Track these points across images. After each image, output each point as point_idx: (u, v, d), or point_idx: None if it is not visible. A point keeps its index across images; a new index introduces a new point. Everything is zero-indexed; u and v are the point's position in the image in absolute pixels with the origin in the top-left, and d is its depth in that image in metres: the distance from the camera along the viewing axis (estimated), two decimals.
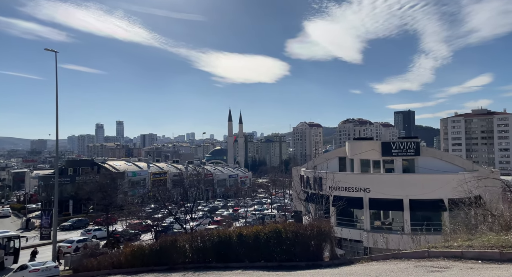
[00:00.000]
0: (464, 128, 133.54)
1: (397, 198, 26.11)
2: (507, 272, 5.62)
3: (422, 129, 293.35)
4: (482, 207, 12.74)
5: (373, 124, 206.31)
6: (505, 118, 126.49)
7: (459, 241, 8.17)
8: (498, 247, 7.02)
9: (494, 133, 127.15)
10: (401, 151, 31.37)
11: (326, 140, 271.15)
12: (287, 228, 10.28)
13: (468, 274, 5.68)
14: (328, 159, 35.33)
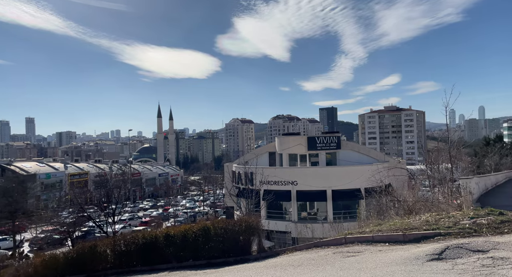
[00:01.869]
0: (378, 123, 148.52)
1: (322, 190, 27.91)
2: (408, 251, 6.34)
3: (344, 124, 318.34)
4: (391, 194, 14.29)
5: (300, 120, 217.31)
6: (410, 114, 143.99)
7: (371, 227, 9.02)
8: (402, 230, 7.91)
9: (402, 127, 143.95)
10: (325, 145, 33.54)
11: (258, 136, 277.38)
12: (216, 225, 10.22)
13: (377, 256, 6.27)
14: (259, 155, 36.16)
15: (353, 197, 25.09)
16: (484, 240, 6.49)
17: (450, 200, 13.00)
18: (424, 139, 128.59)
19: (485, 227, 7.55)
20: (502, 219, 8.01)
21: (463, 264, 5.25)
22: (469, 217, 8.34)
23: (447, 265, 5.28)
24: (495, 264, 5.10)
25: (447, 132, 17.66)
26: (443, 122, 18.62)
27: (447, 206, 11.10)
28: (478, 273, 4.78)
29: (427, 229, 7.82)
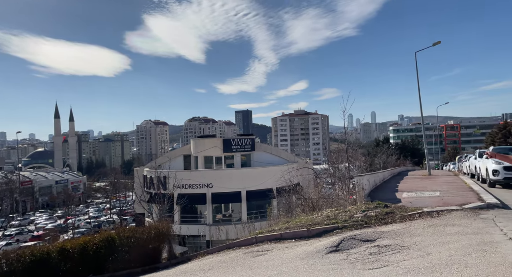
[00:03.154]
0: (289, 126, 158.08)
1: (237, 191, 28.39)
2: (311, 246, 6.82)
3: (258, 127, 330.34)
4: (298, 193, 15.29)
5: (217, 122, 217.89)
6: (317, 118, 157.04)
7: (280, 225, 9.47)
8: (306, 226, 8.49)
9: (309, 130, 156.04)
10: (240, 147, 34.23)
11: (173, 138, 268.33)
12: (122, 234, 9.47)
13: (284, 253, 6.60)
14: (173, 158, 34.96)
15: (266, 197, 26.15)
16: (372, 231, 7.38)
17: (348, 196, 14.47)
18: (328, 140, 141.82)
19: (373, 219, 8.59)
20: (386, 211, 9.24)
21: (355, 254, 5.87)
22: (361, 211, 9.39)
23: (343, 256, 5.83)
24: (380, 252, 5.84)
25: (345, 134, 19.67)
26: (343, 126, 20.76)
27: (345, 202, 12.33)
28: (367, 261, 5.40)
29: (327, 223, 8.54)
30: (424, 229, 7.18)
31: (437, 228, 7.12)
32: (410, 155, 64.03)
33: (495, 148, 16.79)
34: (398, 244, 6.13)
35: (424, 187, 14.71)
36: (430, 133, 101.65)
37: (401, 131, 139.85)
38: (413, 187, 14.78)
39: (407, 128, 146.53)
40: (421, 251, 5.55)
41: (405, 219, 8.42)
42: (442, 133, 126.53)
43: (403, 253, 5.55)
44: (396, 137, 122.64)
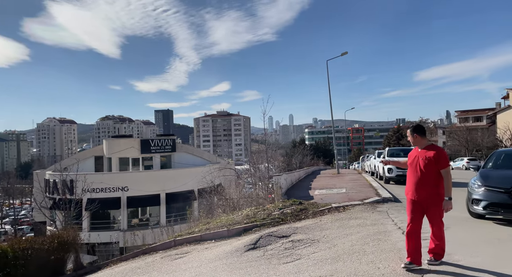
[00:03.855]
0: (211, 127, 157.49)
1: (155, 194, 27.17)
2: (231, 245, 6.94)
3: (180, 127, 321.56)
4: (220, 193, 15.37)
5: (134, 122, 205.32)
6: (239, 119, 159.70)
7: (200, 226, 9.40)
8: (227, 226, 8.60)
9: (232, 131, 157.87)
10: (160, 148, 32.87)
11: (82, 138, 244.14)
12: (17, 246, 8.29)
13: (203, 254, 6.59)
14: (82, 159, 31.84)
15: (187, 199, 25.62)
16: (288, 227, 7.84)
17: (267, 195, 15.07)
18: (249, 142, 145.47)
19: (289, 215, 9.14)
20: (301, 207, 9.91)
21: (271, 250, 6.17)
22: (278, 208, 9.90)
23: (260, 253, 6.08)
24: (294, 246, 6.25)
25: (265, 136, 20.44)
26: (263, 127, 21.52)
27: (264, 200, 12.83)
28: (282, 255, 5.73)
29: (247, 222, 8.79)
30: (332, 223, 7.91)
31: (342, 222, 7.91)
32: (323, 155, 69.57)
33: (390, 149, 19.36)
34: (309, 238, 6.64)
35: (333, 184, 16.17)
36: (339, 135, 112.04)
37: (315, 133, 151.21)
38: (324, 185, 16.11)
39: (320, 131, 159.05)
40: (328, 243, 6.11)
41: (317, 215, 9.16)
42: (349, 136, 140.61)
43: (314, 246, 6.04)
44: (311, 138, 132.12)
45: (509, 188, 6.54)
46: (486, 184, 6.95)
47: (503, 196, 6.56)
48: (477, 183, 7.16)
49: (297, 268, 4.96)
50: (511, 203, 6.43)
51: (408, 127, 4.86)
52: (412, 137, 4.67)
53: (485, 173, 7.50)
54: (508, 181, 6.76)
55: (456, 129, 52.39)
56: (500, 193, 6.63)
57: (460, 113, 67.33)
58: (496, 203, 6.62)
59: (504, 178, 6.98)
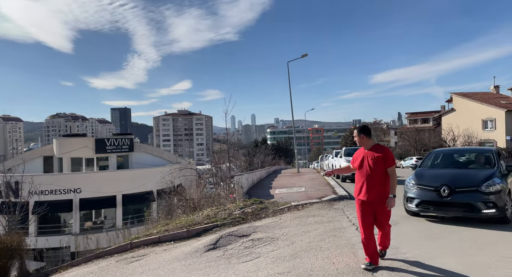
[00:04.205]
0: (172, 126, 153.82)
1: (111, 195, 25.97)
2: (190, 246, 6.84)
3: (138, 126, 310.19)
4: (180, 194, 15.06)
5: (88, 120, 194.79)
6: (200, 119, 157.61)
7: (158, 228, 9.15)
8: (186, 226, 8.46)
9: (193, 130, 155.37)
10: (116, 148, 31.50)
11: (29, 137, 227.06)
12: None
13: (161, 256, 6.43)
14: (29, 160, 29.63)
15: (145, 200, 24.78)
16: (248, 226, 7.90)
17: (229, 195, 15.04)
18: (212, 141, 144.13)
19: (250, 214, 9.20)
20: (261, 206, 10.02)
21: (231, 249, 6.18)
22: (239, 208, 9.93)
23: (220, 252, 6.06)
24: (253, 245, 6.30)
25: (227, 135, 20.37)
26: (225, 127, 21.47)
27: (225, 200, 12.79)
28: (241, 254, 5.76)
29: (207, 222, 8.72)
30: (291, 221, 8.09)
31: (301, 220, 8.12)
32: (284, 155, 70.83)
33: (346, 149, 20.20)
34: (269, 237, 6.74)
35: (293, 183, 16.53)
36: (300, 135, 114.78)
37: (276, 133, 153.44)
38: (284, 184, 16.42)
39: (281, 131, 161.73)
40: (287, 241, 6.25)
41: (277, 213, 9.31)
42: (309, 136, 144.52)
43: (273, 244, 6.14)
44: (272, 138, 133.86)
45: (438, 187, 6.86)
46: (419, 183, 7.24)
47: (432, 194, 6.89)
48: (412, 182, 7.45)
49: (256, 266, 5.01)
50: (440, 201, 6.77)
51: (355, 128, 4.87)
52: (359, 137, 4.68)
53: (419, 172, 7.79)
54: (438, 180, 7.08)
55: (406, 130, 55.86)
56: (430, 191, 6.95)
57: (410, 115, 71.83)
58: (427, 200, 6.95)
59: (435, 177, 7.30)
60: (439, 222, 7.04)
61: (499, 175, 7.05)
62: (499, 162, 7.68)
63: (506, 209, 6.65)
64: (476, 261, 4.61)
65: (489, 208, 6.45)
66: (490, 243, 5.41)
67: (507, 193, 6.83)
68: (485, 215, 6.53)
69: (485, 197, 6.53)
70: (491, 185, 6.65)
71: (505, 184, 6.95)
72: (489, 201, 6.45)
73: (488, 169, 7.40)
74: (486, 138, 41.75)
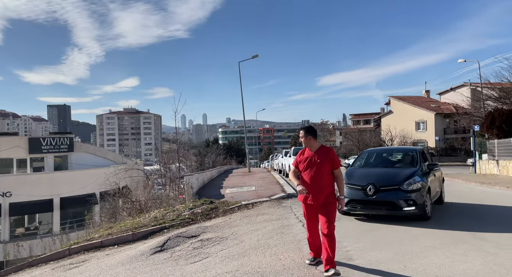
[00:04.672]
0: (117, 125, 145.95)
1: (47, 199, 23.98)
2: (135, 249, 6.56)
3: (79, 125, 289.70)
4: (125, 196, 14.37)
5: (20, 117, 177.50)
6: (149, 117, 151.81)
7: (101, 232, 8.65)
8: (132, 229, 8.10)
9: (141, 129, 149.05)
10: (53, 148, 29.12)
11: None
12: None
13: (103, 261, 6.08)
14: None
15: (86, 203, 23.22)
16: (197, 227, 7.79)
17: (178, 195, 14.69)
18: (161, 141, 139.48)
19: (199, 215, 9.08)
20: (211, 206, 9.95)
21: (179, 251, 6.05)
22: (189, 209, 9.75)
23: (167, 255, 5.90)
24: (202, 245, 6.24)
25: (176, 135, 19.89)
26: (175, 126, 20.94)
27: (174, 201, 12.48)
28: (190, 255, 5.67)
29: (154, 225, 8.43)
30: (241, 220, 8.15)
31: (251, 218, 8.22)
32: (235, 154, 71.00)
33: (295, 148, 20.85)
34: (218, 236, 6.72)
35: (244, 183, 16.64)
36: (251, 135, 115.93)
37: (228, 133, 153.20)
38: (235, 184, 16.46)
39: (233, 130, 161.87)
40: (236, 240, 6.28)
41: (227, 213, 9.31)
42: (260, 135, 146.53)
43: (222, 244, 6.14)
44: (224, 138, 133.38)
45: (365, 186, 7.06)
46: (348, 182, 7.34)
47: (360, 193, 7.09)
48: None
49: (204, 266, 4.97)
50: (366, 199, 6.98)
51: (301, 128, 4.62)
52: (305, 138, 4.48)
53: (350, 172, 7.93)
54: (365, 179, 7.28)
55: (350, 131, 59.28)
56: (358, 190, 7.14)
57: (353, 116, 76.27)
58: (355, 199, 7.12)
59: (363, 176, 7.47)
60: (367, 220, 7.44)
61: (420, 174, 7.26)
62: (421, 161, 7.88)
63: (425, 206, 6.90)
64: (405, 250, 5.07)
65: (409, 205, 6.65)
66: (415, 236, 5.96)
67: (426, 191, 7.06)
68: (406, 212, 6.73)
69: (406, 195, 6.72)
70: (412, 183, 6.84)
71: (426, 182, 7.19)
72: (409, 199, 6.67)
73: (411, 168, 7.60)
74: (419, 138, 45.84)
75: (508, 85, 27.63)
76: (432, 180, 7.82)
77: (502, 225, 6.75)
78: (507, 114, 20.48)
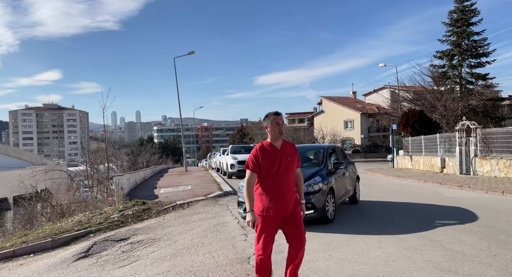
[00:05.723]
0: (36, 122, 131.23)
1: None
2: (55, 257, 5.98)
3: None
4: (44, 199, 13.00)
5: None
6: (74, 114, 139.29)
7: (13, 240, 7.71)
8: (51, 236, 7.37)
9: (64, 127, 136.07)
10: None
11: None
12: None
13: (16, 271, 5.44)
14: None
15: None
16: (127, 229, 7.39)
17: (107, 198, 13.75)
18: (88, 139, 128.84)
19: (130, 217, 8.63)
20: (144, 207, 9.51)
21: (106, 255, 5.67)
22: (118, 211, 9.20)
23: (93, 260, 5.49)
24: (132, 248, 5.93)
25: (105, 133, 18.61)
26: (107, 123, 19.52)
27: (102, 204, 11.65)
28: (118, 260, 5.35)
29: (78, 229, 7.79)
30: (175, 220, 7.94)
31: (186, 218, 8.05)
32: (172, 153, 68.89)
33: (233, 146, 20.97)
34: (150, 238, 6.45)
35: (180, 182, 16.23)
36: (189, 133, 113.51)
37: (164, 131, 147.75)
38: (170, 183, 15.97)
39: (170, 128, 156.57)
40: (170, 241, 6.10)
41: (161, 213, 8.99)
42: (198, 134, 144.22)
43: (154, 245, 5.91)
44: (160, 136, 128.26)
45: None
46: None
47: None
48: (242, 183, 6.72)
49: (133, 270, 4.74)
50: None
51: (274, 113, 3.34)
52: (280, 127, 3.33)
53: None
54: None
55: (286, 129, 61.52)
56: None
57: (289, 115, 79.32)
58: None
59: None
60: None
61: (323, 173, 6.76)
62: (327, 159, 7.37)
63: (326, 209, 6.31)
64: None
65: (307, 209, 5.98)
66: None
67: (327, 191, 6.45)
68: (304, 216, 6.19)
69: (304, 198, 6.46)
70: (311, 184, 6.26)
71: (328, 182, 6.62)
72: (307, 202, 6.00)
73: (314, 167, 7.07)
74: (347, 136, 49.45)
75: (419, 88, 31.27)
76: (339, 180, 7.35)
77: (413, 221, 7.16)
78: (419, 115, 23.17)
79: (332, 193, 6.71)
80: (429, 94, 28.63)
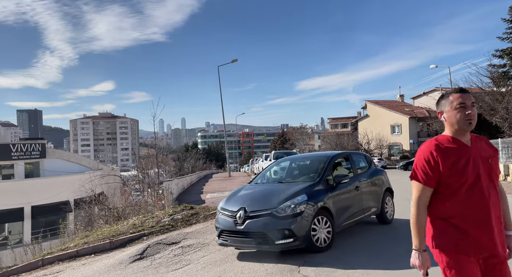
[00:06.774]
0: (92, 130, 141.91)
1: (17, 207, 22.91)
2: (113, 258, 6.37)
3: (52, 130, 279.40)
4: (102, 203, 13.94)
5: None
6: (125, 122, 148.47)
7: (76, 241, 8.34)
8: (109, 238, 7.87)
9: (117, 134, 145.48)
10: (24, 154, 27.92)
11: None
12: None
13: (79, 271, 5.87)
14: None
15: (60, 211, 22.34)
16: (177, 233, 7.67)
17: (157, 202, 14.42)
18: (138, 146, 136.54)
19: (180, 221, 8.95)
20: (192, 212, 9.82)
21: (160, 258, 5.93)
22: (169, 215, 9.59)
23: (147, 262, 5.77)
24: (183, 252, 6.14)
25: (155, 139, 19.57)
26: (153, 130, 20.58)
27: (153, 207, 12.23)
28: (170, 263, 5.57)
29: (133, 232, 8.23)
30: None
31: None
32: (215, 159, 70.56)
33: (275, 152, 20.98)
34: (200, 243, 6.64)
35: (224, 187, 16.55)
36: (231, 139, 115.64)
37: (208, 137, 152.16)
38: (215, 188, 16.35)
39: (213, 134, 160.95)
40: (218, 246, 6.23)
41: (208, 218, 9.22)
42: (240, 139, 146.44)
43: (204, 250, 6.07)
44: (203, 142, 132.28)
45: (235, 211, 5.24)
46: (223, 207, 5.63)
47: (230, 222, 5.26)
48: (221, 205, 5.81)
49: (186, 274, 4.89)
50: (235, 230, 5.13)
51: (458, 90, 2.09)
52: (472, 108, 2.06)
53: (234, 192, 6.08)
54: (239, 201, 5.44)
55: (328, 134, 60.27)
56: (229, 218, 5.33)
57: (331, 120, 77.67)
58: (225, 230, 5.32)
59: (241, 197, 5.62)
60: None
61: (314, 190, 5.38)
62: (326, 172, 5.84)
63: (311, 236, 4.98)
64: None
65: (285, 237, 4.81)
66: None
67: (315, 214, 5.08)
68: (281, 246, 4.84)
69: (279, 223, 4.87)
70: (290, 205, 4.98)
71: (318, 201, 5.22)
72: (284, 228, 4.83)
73: (305, 183, 5.72)
74: (394, 141, 47.24)
75: (476, 90, 29.04)
76: (343, 196, 5.82)
77: None
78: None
79: (328, 215, 5.31)
80: (488, 96, 26.49)
